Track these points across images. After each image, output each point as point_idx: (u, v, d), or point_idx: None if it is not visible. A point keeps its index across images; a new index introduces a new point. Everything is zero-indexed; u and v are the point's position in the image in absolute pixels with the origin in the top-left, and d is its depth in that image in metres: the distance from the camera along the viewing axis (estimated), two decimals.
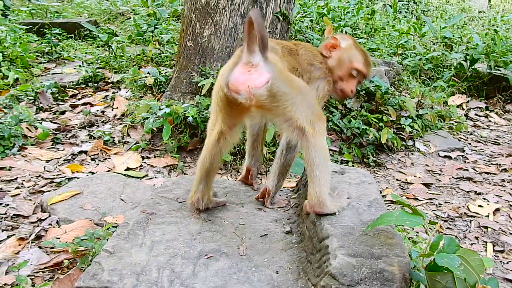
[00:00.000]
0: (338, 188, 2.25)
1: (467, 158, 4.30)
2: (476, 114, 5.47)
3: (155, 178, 3.36)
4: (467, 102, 5.64)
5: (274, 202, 2.48)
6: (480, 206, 3.34)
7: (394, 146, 4.24)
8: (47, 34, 5.90)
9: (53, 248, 2.37)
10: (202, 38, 4.06)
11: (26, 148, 3.54)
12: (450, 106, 5.26)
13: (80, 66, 5.21)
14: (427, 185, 3.70)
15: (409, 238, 2.71)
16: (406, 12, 9.25)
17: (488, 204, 3.37)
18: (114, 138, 3.81)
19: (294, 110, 1.88)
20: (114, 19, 7.74)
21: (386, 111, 4.44)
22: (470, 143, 4.69)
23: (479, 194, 3.57)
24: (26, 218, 2.68)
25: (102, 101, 4.49)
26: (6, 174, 3.16)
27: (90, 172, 3.32)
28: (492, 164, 4.19)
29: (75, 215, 2.65)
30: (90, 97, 4.61)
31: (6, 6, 6.84)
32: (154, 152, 3.69)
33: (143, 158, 3.60)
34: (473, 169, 4.06)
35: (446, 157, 4.30)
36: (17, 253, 2.34)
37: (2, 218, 2.65)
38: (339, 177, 2.45)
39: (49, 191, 2.97)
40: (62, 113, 4.28)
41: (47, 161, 3.42)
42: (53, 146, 3.68)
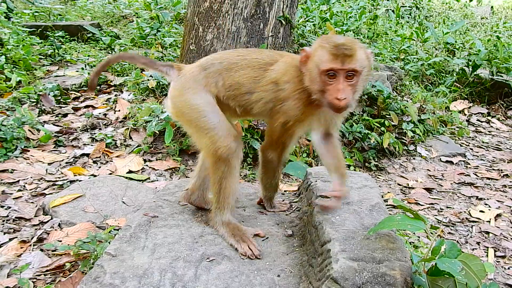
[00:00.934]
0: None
1: (469, 164, 4.30)
2: (478, 120, 5.48)
3: (157, 181, 3.37)
4: (469, 107, 5.65)
5: (275, 205, 2.49)
6: (481, 211, 3.33)
7: (396, 151, 4.24)
8: (50, 37, 5.94)
9: (55, 251, 2.37)
10: (205, 41, 4.08)
11: (29, 150, 3.55)
12: (452, 111, 5.27)
13: (82, 68, 5.24)
14: (429, 190, 3.70)
15: (410, 243, 2.71)
16: (408, 17, 9.27)
17: (489, 209, 3.36)
18: (116, 141, 3.82)
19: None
20: (117, 22, 7.77)
21: (388, 116, 4.44)
22: (471, 149, 4.69)
23: (481, 199, 3.57)
24: (28, 221, 2.68)
25: (104, 104, 4.51)
26: (8, 177, 3.16)
27: (92, 174, 3.33)
28: (493, 169, 4.18)
29: (77, 218, 2.66)
30: (92, 99, 4.62)
31: (9, 9, 6.86)
32: (156, 155, 3.70)
33: (145, 161, 3.61)
34: (474, 174, 4.05)
35: (447, 162, 4.30)
36: (19, 255, 2.34)
37: (4, 221, 2.65)
38: None
39: (51, 194, 2.98)
40: (65, 115, 4.29)
41: (49, 163, 3.43)
42: (55, 149, 3.69)
